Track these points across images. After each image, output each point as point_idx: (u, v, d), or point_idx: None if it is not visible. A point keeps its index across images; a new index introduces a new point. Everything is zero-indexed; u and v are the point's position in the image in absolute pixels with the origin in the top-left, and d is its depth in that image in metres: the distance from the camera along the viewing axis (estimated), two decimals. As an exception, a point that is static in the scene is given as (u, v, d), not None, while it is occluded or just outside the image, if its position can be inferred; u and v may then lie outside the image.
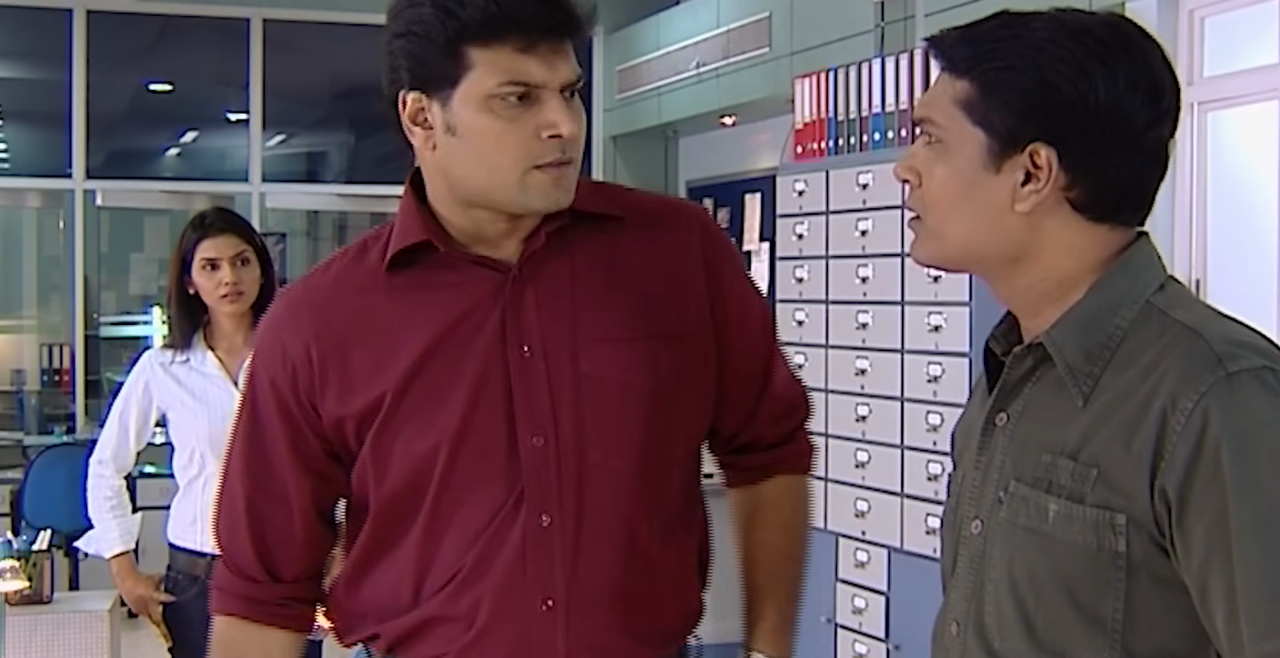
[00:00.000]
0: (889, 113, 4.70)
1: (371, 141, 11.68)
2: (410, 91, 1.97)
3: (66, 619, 5.42)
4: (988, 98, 1.63)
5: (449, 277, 2.05)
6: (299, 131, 11.84)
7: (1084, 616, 1.58)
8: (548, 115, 1.94)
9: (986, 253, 1.67)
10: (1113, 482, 1.54)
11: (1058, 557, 1.59)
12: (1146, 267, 1.66)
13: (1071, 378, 1.62)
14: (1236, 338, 1.54)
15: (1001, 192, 1.63)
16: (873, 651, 4.62)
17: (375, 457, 2.05)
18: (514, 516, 2.01)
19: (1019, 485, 1.65)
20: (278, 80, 10.04)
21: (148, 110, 11.42)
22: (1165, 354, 1.54)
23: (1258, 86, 4.90)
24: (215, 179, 10.83)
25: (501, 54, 1.91)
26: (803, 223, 4.98)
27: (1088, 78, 1.58)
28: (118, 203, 10.40)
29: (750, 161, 8.76)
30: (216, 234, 4.10)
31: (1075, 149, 1.60)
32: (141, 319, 10.90)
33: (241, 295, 4.08)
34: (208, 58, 10.59)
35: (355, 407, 2.04)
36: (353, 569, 2.13)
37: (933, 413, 4.35)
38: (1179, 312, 1.59)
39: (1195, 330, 1.55)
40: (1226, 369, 1.49)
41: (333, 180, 11.81)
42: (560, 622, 2.03)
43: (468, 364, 2.01)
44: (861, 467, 4.65)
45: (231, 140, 10.70)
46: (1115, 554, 1.54)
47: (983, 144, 1.63)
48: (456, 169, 1.99)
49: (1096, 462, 1.56)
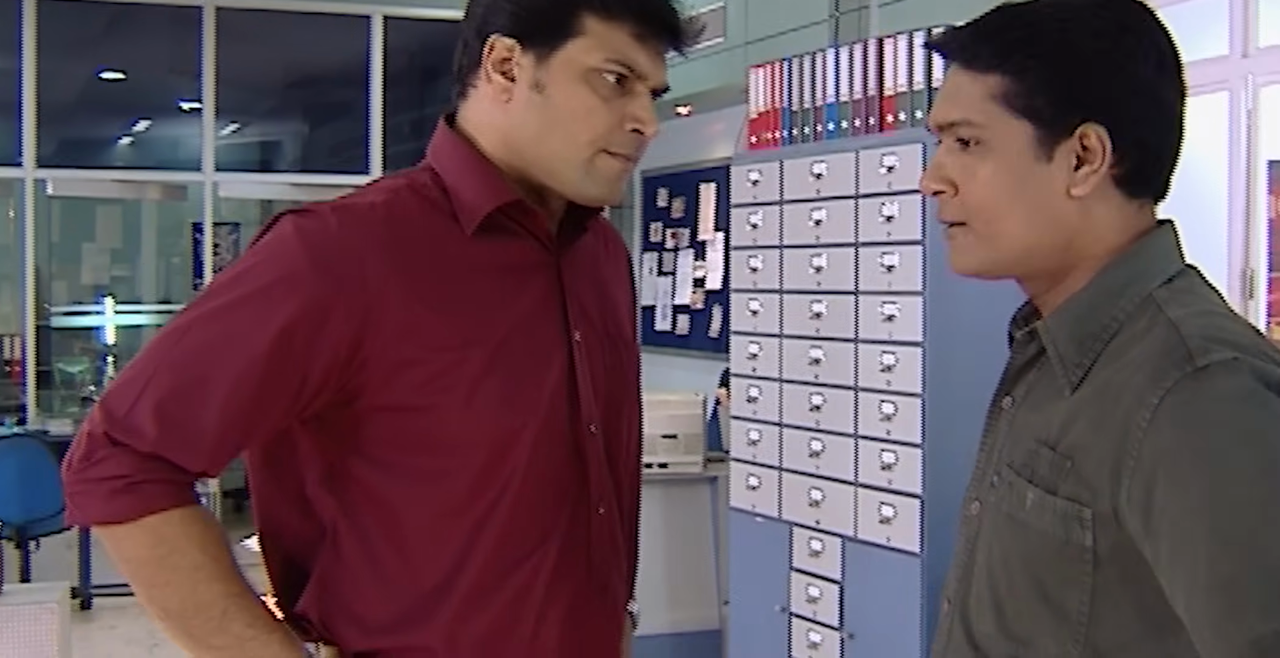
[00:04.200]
0: (843, 103, 4.71)
1: (326, 131, 11.66)
2: (505, 37, 1.92)
3: (17, 611, 5.37)
4: (1030, 87, 1.62)
5: (514, 243, 1.98)
6: (252, 121, 11.81)
7: (1050, 606, 1.58)
8: (638, 110, 1.94)
9: (1039, 246, 1.65)
10: (1083, 475, 1.53)
11: (1030, 546, 1.60)
12: (1157, 257, 1.65)
13: (1061, 367, 1.62)
14: (1215, 334, 1.51)
15: (1057, 179, 1.62)
16: (827, 639, 4.63)
17: (438, 426, 1.88)
18: (583, 502, 2.00)
19: (1009, 471, 1.65)
20: (231, 69, 9.99)
21: (100, 99, 11.36)
22: (1146, 350, 1.53)
23: (1209, 77, 4.93)
24: (168, 168, 10.80)
25: (617, 33, 1.90)
26: (757, 213, 4.99)
27: (1124, 53, 1.61)
28: (69, 192, 10.33)
29: (705, 151, 8.78)
30: None
31: (1123, 125, 1.61)
32: (93, 309, 10.85)
33: None
34: (160, 46, 10.54)
35: (427, 369, 1.86)
36: (371, 557, 1.93)
37: (886, 402, 4.36)
38: (1173, 307, 1.57)
39: (1176, 326, 1.53)
40: (1195, 364, 1.46)
41: (286, 170, 11.80)
42: (610, 608, 2.09)
43: (543, 344, 1.97)
44: (815, 456, 4.66)
45: (184, 129, 10.67)
46: (1082, 548, 1.54)
47: (1030, 135, 1.62)
48: (528, 129, 1.94)
49: (1072, 454, 1.55)
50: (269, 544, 2.03)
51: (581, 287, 2.04)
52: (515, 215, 1.96)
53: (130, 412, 1.80)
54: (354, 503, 1.93)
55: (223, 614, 1.83)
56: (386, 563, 1.93)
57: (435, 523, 1.91)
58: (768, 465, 4.88)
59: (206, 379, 1.81)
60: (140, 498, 1.80)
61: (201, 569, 1.83)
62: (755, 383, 4.94)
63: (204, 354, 1.82)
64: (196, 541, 1.83)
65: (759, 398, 4.92)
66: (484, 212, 1.93)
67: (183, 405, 1.80)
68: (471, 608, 1.92)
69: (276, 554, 2.02)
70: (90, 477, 1.81)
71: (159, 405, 1.80)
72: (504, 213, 1.95)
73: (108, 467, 1.80)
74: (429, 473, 1.91)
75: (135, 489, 1.80)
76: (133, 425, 1.80)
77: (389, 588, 1.93)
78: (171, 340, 1.85)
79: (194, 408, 1.81)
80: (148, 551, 1.82)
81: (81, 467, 1.82)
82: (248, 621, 1.84)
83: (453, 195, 1.96)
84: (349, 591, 1.94)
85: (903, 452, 4.29)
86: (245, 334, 1.82)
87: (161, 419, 1.80)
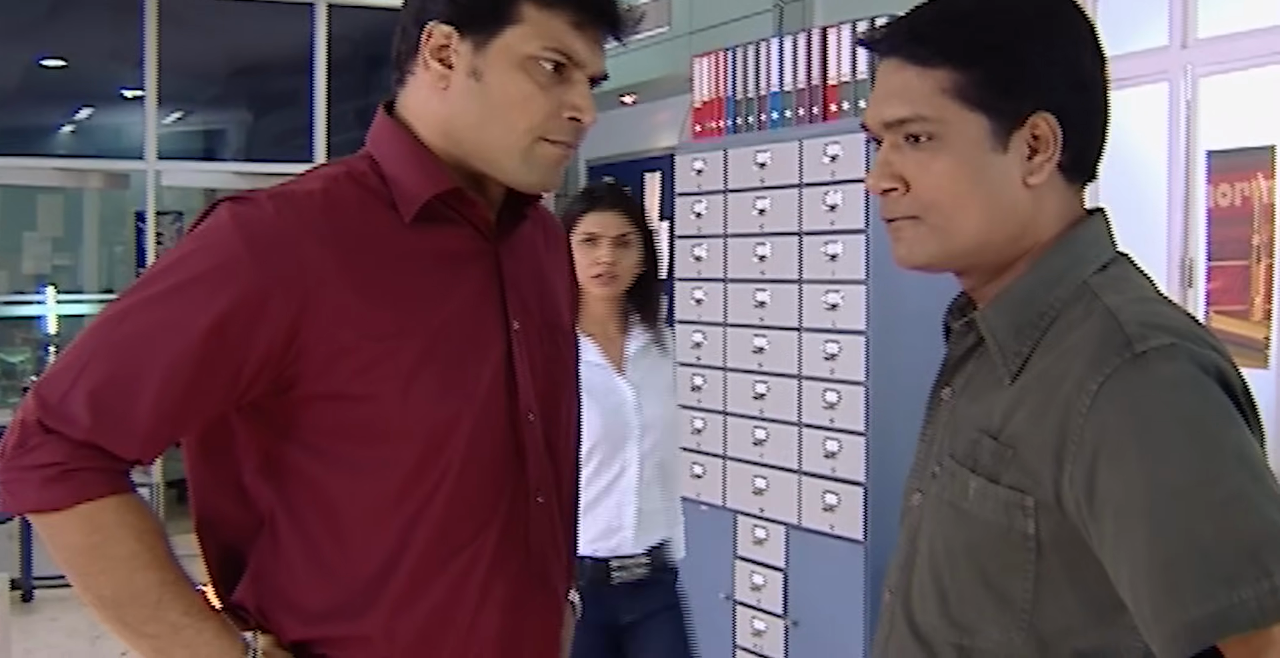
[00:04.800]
0: (787, 92, 4.72)
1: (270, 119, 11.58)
2: (443, 25, 1.92)
3: (-43, 603, 5.32)
4: (980, 79, 1.63)
5: (453, 231, 1.98)
6: (196, 109, 11.72)
7: (994, 594, 1.59)
8: (575, 98, 1.94)
9: (993, 238, 1.66)
10: (1025, 463, 1.54)
11: (973, 534, 1.61)
12: (1092, 244, 1.66)
13: (1000, 356, 1.63)
14: (1153, 320, 1.52)
15: (1013, 170, 1.64)
16: (771, 627, 4.65)
17: (375, 415, 1.88)
18: (520, 491, 2.00)
19: (951, 461, 1.66)
20: (174, 56, 9.91)
21: (40, 86, 11.22)
22: (1084, 337, 1.54)
23: (1149, 68, 4.96)
24: (110, 157, 10.66)
25: (554, 21, 1.91)
26: (701, 202, 5.00)
27: (1066, 42, 1.63)
28: (10, 180, 10.23)
29: (650, 140, 8.76)
30: (605, 209, 3.80)
31: (1068, 112, 1.62)
32: (35, 299, 10.74)
33: (615, 279, 3.78)
34: (102, 33, 10.43)
35: (364, 357, 1.85)
36: (309, 548, 1.92)
37: (830, 391, 4.38)
38: (1109, 294, 1.58)
39: (1113, 313, 1.54)
40: (1133, 350, 1.47)
41: (230, 158, 11.70)
42: (555, 600, 2.09)
43: (481, 333, 1.97)
44: (759, 444, 4.67)
45: (127, 117, 10.56)
46: (1025, 536, 1.55)
47: (984, 126, 1.63)
48: (467, 117, 1.93)
49: (1014, 443, 1.56)
50: (206, 533, 2.02)
51: (520, 275, 2.04)
52: (454, 204, 1.96)
53: (64, 399, 1.79)
54: (291, 492, 1.92)
55: (157, 603, 1.81)
56: (324, 552, 1.92)
57: (373, 512, 1.91)
58: (712, 454, 4.89)
59: (141, 367, 1.79)
60: (75, 486, 1.79)
61: (136, 557, 1.81)
62: (699, 371, 4.96)
63: (139, 342, 1.80)
64: (132, 529, 1.81)
65: (703, 387, 4.94)
66: (423, 200, 1.93)
67: (117, 393, 1.79)
68: (409, 597, 1.91)
69: (213, 544, 2.01)
70: (24, 464, 1.79)
71: (93, 393, 1.78)
72: (443, 201, 1.94)
73: (41, 454, 1.78)
74: (367, 462, 1.90)
75: (70, 477, 1.78)
76: (66, 413, 1.78)
77: (327, 577, 1.92)
78: (107, 328, 1.83)
79: (128, 396, 1.79)
80: (82, 538, 1.80)
81: (15, 455, 1.80)
82: (182, 609, 1.82)
83: (391, 183, 1.95)
84: (286, 580, 1.93)
85: (846, 440, 4.31)
86: (181, 322, 1.80)
87: (95, 407, 1.78)
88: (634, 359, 3.83)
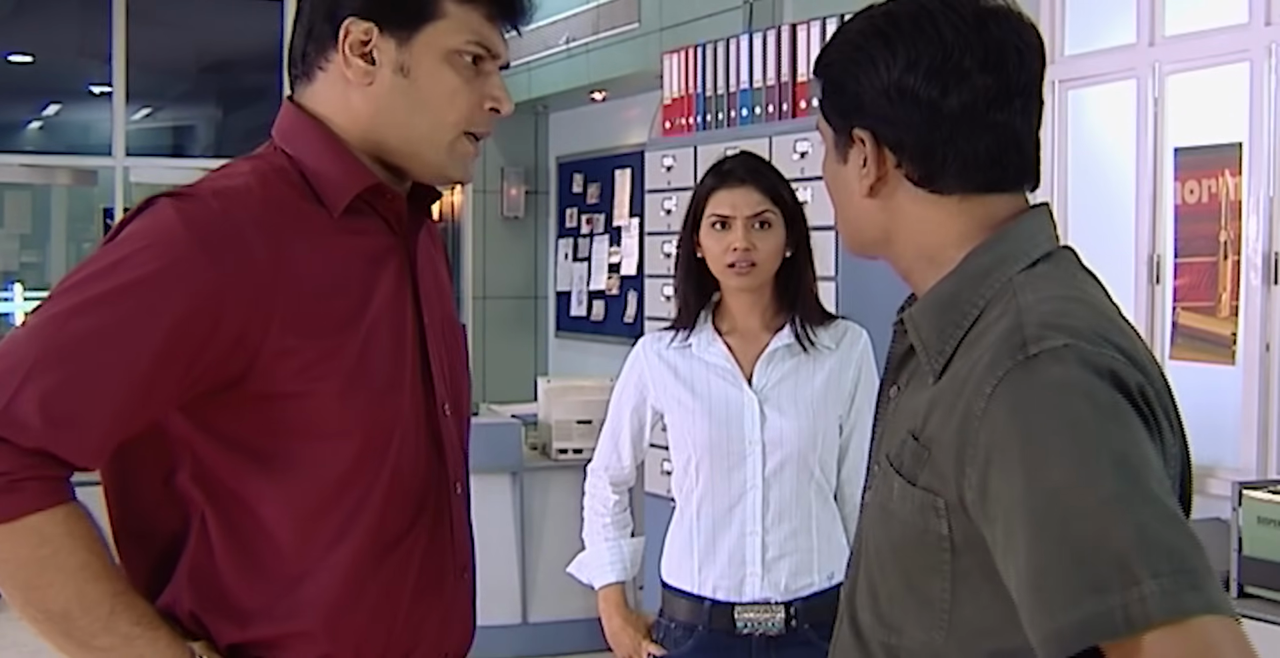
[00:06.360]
0: (756, 89, 4.73)
1: (240, 115, 11.54)
2: (362, 20, 1.92)
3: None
4: (821, 95, 1.75)
5: (370, 225, 1.97)
6: (164, 105, 11.67)
7: (916, 594, 1.60)
8: (494, 89, 1.99)
9: (865, 239, 1.73)
10: (937, 465, 1.54)
11: (895, 535, 1.61)
12: (1022, 241, 1.64)
13: (925, 355, 1.64)
14: (1053, 320, 1.50)
15: (852, 179, 1.69)
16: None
17: (314, 411, 1.86)
18: (443, 482, 2.03)
19: (885, 461, 1.66)
20: (142, 52, 9.88)
21: (7, 82, 11.18)
22: (993, 337, 1.53)
23: (1116, 66, 4.99)
24: (78, 153, 10.63)
25: (473, 15, 1.95)
26: (671, 198, 5.00)
27: (866, 58, 1.64)
28: (-24, 177, 10.20)
29: (620, 137, 8.76)
30: (735, 186, 3.20)
31: (883, 128, 1.65)
32: (1, 296, 10.70)
33: (754, 267, 3.16)
34: (69, 28, 10.40)
35: (305, 355, 1.84)
36: (242, 548, 1.89)
37: (800, 387, 4.38)
38: (1026, 292, 1.57)
39: (1020, 313, 1.53)
40: (1026, 352, 1.46)
41: (200, 155, 11.65)
42: (469, 586, 2.11)
43: (402, 328, 1.97)
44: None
45: (94, 113, 10.53)
46: (940, 536, 1.55)
47: (831, 138, 1.72)
48: (394, 113, 1.94)
49: (930, 444, 1.56)
50: (127, 538, 1.94)
51: (424, 269, 2.06)
52: (372, 199, 1.96)
53: (11, 404, 1.70)
54: (223, 493, 1.87)
55: (110, 613, 1.76)
56: (260, 552, 1.88)
57: (309, 510, 1.88)
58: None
59: (97, 370, 1.73)
60: (23, 497, 1.72)
61: (88, 568, 1.76)
62: (670, 368, 4.95)
63: (92, 344, 1.74)
64: (81, 539, 1.76)
65: (674, 383, 4.92)
66: (352, 193, 1.93)
67: (72, 397, 1.72)
68: (351, 592, 1.91)
69: (137, 549, 1.94)
70: None
71: (45, 398, 1.70)
72: (361, 196, 1.95)
73: None
74: (302, 460, 1.87)
75: (18, 488, 1.71)
76: (15, 419, 1.70)
77: (264, 577, 1.89)
78: (50, 329, 1.75)
79: (84, 401, 1.73)
80: (29, 551, 1.73)
81: None
82: (134, 618, 1.78)
83: (313, 178, 1.94)
84: (223, 582, 1.89)
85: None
86: (137, 322, 1.75)
87: (48, 412, 1.70)
88: (769, 362, 3.23)
